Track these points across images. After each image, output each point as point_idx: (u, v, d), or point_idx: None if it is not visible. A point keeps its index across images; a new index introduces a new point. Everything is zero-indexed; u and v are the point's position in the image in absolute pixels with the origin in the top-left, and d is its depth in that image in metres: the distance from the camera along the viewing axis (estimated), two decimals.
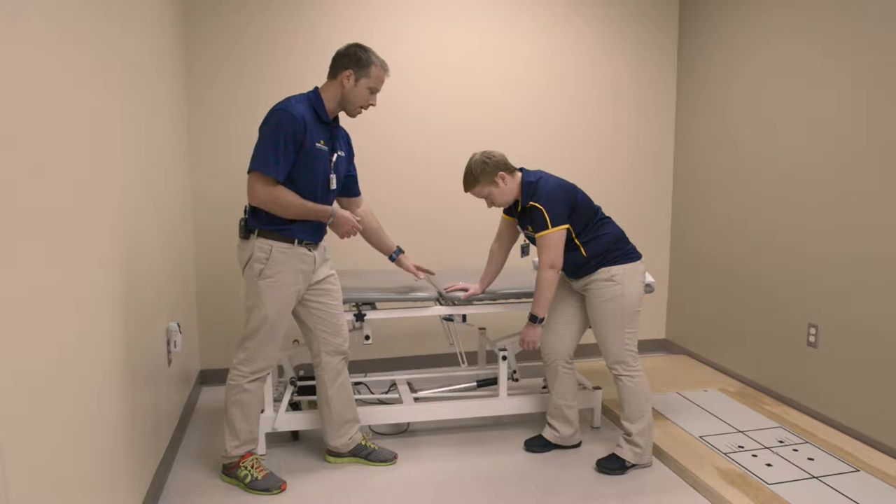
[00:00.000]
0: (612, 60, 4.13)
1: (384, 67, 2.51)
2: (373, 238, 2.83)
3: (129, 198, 2.21)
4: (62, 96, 1.59)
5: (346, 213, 2.53)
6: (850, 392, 3.05)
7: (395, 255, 2.87)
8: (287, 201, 2.39)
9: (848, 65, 3.00)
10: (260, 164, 2.35)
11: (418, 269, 2.90)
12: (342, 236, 2.57)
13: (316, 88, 2.51)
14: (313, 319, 2.66)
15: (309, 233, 2.52)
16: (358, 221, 2.57)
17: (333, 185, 2.55)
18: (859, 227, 2.96)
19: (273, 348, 2.56)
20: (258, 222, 2.46)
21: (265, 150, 2.35)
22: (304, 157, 2.41)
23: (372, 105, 2.53)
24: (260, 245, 2.45)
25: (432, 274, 2.95)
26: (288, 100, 2.43)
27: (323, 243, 2.65)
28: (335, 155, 2.55)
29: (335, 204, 2.68)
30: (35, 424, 1.38)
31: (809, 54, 3.21)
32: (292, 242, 2.48)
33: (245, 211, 2.52)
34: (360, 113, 2.53)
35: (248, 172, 2.39)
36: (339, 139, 2.61)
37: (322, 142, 2.47)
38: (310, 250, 2.54)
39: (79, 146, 1.70)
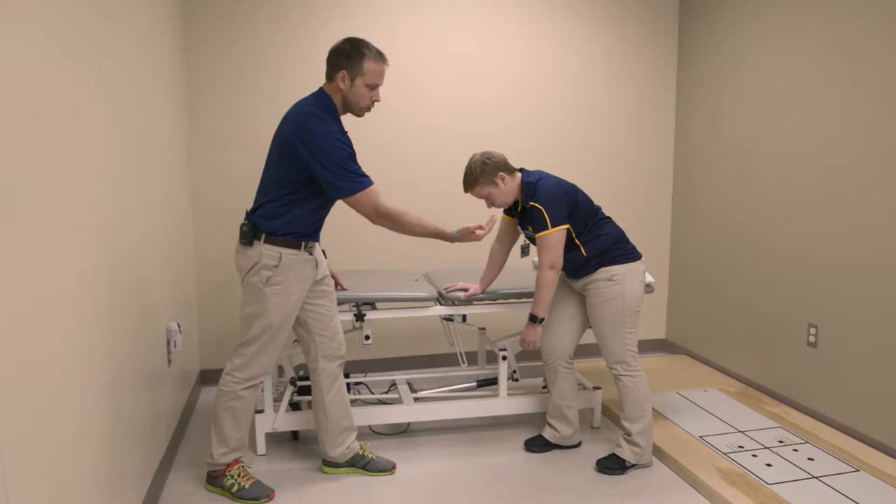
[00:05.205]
0: (612, 61, 4.13)
1: (379, 58, 2.34)
2: None
3: (129, 198, 2.21)
4: (60, 96, 1.59)
5: (469, 227, 2.48)
6: (850, 392, 3.05)
7: None
8: (408, 220, 2.36)
9: (848, 64, 2.99)
10: (358, 182, 2.28)
11: (332, 277, 2.81)
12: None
13: (322, 92, 2.37)
14: (311, 323, 2.59)
15: (313, 234, 2.46)
16: (485, 225, 2.50)
17: None
18: (859, 227, 2.96)
19: (272, 355, 2.48)
20: (272, 226, 2.35)
21: (347, 168, 2.27)
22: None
23: (376, 101, 2.38)
24: (268, 252, 2.35)
25: (345, 290, 2.85)
26: (316, 116, 2.29)
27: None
28: None
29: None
30: (32, 427, 1.38)
31: (810, 54, 3.21)
32: (300, 248, 2.40)
33: (247, 216, 2.41)
34: (367, 112, 2.42)
35: (347, 198, 2.30)
36: None
37: None
38: (311, 253, 2.48)
39: (76, 146, 1.70)
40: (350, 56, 2.31)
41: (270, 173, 2.39)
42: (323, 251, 2.84)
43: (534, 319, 2.72)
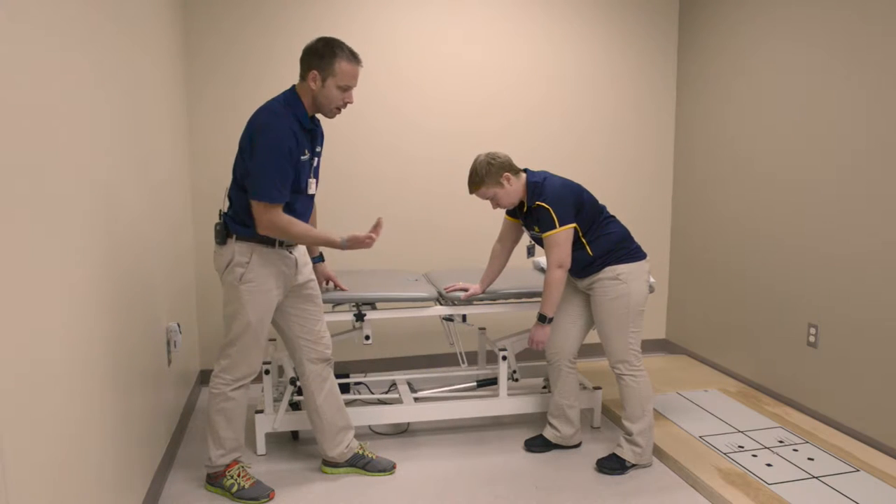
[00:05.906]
0: (613, 61, 4.13)
1: (352, 59, 2.27)
2: None
3: (129, 197, 2.21)
4: (60, 96, 1.59)
5: (357, 236, 2.38)
6: (850, 392, 3.05)
7: (314, 261, 2.78)
8: (295, 232, 2.29)
9: (848, 64, 3.00)
10: (265, 193, 2.22)
11: (330, 279, 2.82)
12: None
13: (294, 90, 2.33)
14: (292, 327, 2.56)
15: None
16: (372, 232, 2.40)
17: (312, 190, 2.44)
18: (859, 227, 2.96)
19: (256, 354, 2.47)
20: (239, 228, 2.34)
21: (267, 175, 2.21)
22: (293, 170, 2.31)
23: (349, 103, 2.33)
24: (240, 249, 2.34)
25: (343, 290, 2.85)
26: (272, 112, 2.25)
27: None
28: (315, 158, 2.45)
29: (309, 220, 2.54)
30: (32, 427, 1.37)
31: (810, 54, 3.21)
32: (273, 245, 2.38)
33: (220, 216, 2.41)
34: (338, 113, 2.36)
35: (252, 198, 2.25)
36: (318, 137, 2.47)
37: (306, 151, 2.35)
38: (290, 252, 2.46)
39: (77, 146, 1.70)
40: (322, 56, 2.25)
41: (235, 172, 2.37)
42: (321, 253, 2.83)
43: (542, 319, 2.72)
